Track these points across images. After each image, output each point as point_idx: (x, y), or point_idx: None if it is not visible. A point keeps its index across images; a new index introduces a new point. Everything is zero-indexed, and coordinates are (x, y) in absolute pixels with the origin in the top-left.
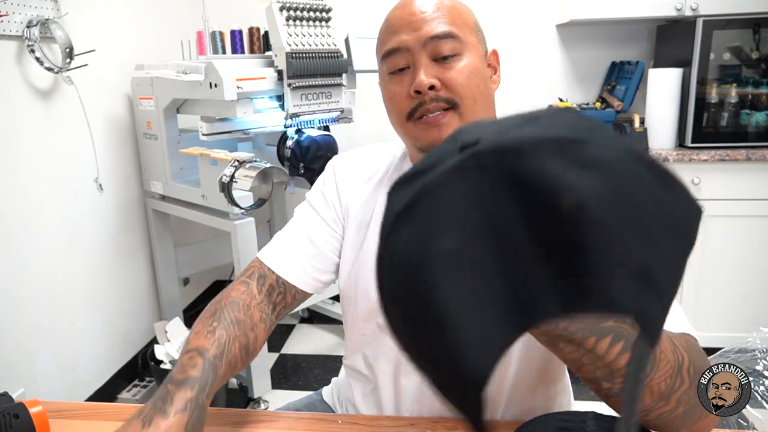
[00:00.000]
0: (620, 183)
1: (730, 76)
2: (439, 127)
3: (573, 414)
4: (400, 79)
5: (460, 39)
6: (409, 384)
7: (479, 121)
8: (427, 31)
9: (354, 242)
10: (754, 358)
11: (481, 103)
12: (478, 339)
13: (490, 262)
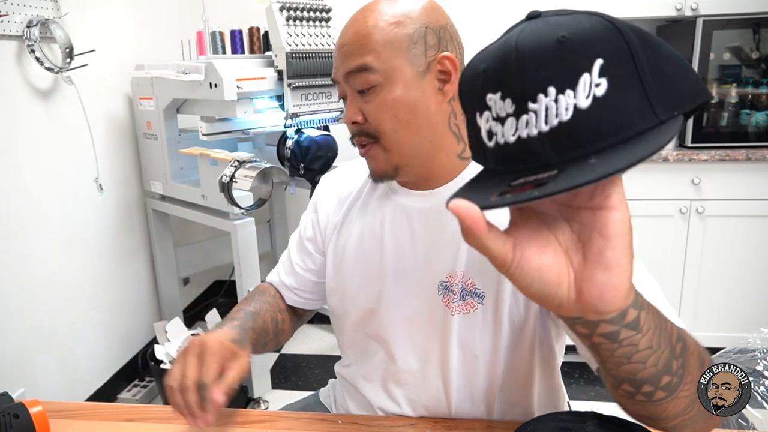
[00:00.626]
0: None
1: (730, 76)
2: (369, 159)
3: (573, 414)
4: (347, 105)
5: (374, 69)
6: (401, 392)
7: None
8: (345, 66)
9: (334, 263)
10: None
11: (406, 131)
12: None
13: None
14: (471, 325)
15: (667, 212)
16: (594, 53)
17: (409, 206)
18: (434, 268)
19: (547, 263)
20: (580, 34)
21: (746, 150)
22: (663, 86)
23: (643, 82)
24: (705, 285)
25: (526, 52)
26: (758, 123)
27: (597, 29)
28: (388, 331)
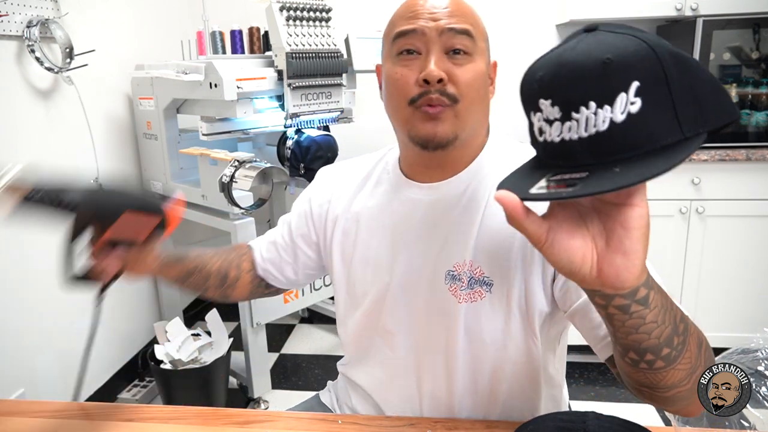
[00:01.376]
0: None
1: (730, 76)
2: (436, 121)
3: (573, 414)
4: (409, 62)
5: (474, 40)
6: (407, 388)
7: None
8: (447, 22)
9: (343, 258)
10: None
11: (478, 106)
12: None
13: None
14: (478, 312)
15: (667, 212)
16: (633, 76)
17: (417, 199)
18: (442, 258)
19: (575, 246)
20: (623, 57)
21: (746, 150)
22: (692, 106)
23: (674, 102)
24: (705, 285)
25: (575, 68)
26: (758, 123)
27: (639, 54)
28: (394, 324)
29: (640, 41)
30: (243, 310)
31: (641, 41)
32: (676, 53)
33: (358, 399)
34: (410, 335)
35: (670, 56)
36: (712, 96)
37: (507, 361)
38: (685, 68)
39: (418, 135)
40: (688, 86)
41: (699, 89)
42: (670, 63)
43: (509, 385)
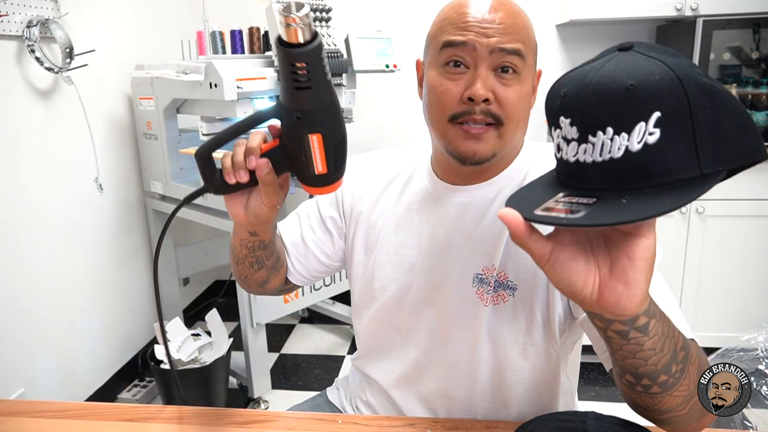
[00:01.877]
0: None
1: (730, 76)
2: (477, 140)
3: (573, 414)
4: (455, 76)
5: (524, 59)
6: (425, 387)
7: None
8: (498, 40)
9: (366, 250)
10: (756, 358)
11: (522, 125)
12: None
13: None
14: (501, 315)
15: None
16: (655, 106)
17: (449, 200)
18: (472, 261)
19: (577, 269)
20: (648, 85)
21: None
22: (715, 141)
23: (695, 136)
24: (705, 285)
25: (598, 91)
26: (758, 123)
27: (665, 83)
28: (415, 323)
29: (668, 69)
30: (243, 310)
31: (669, 69)
32: (705, 84)
33: (374, 394)
34: (433, 335)
35: (697, 87)
36: (738, 133)
37: (527, 366)
38: (713, 101)
39: (457, 151)
40: (713, 120)
41: (725, 124)
42: (696, 95)
43: (527, 390)
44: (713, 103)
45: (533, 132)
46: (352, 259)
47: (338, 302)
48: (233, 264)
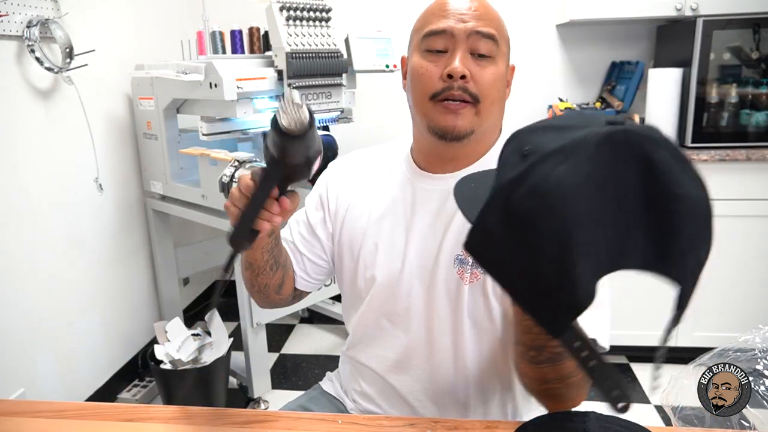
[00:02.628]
0: (706, 195)
1: (730, 76)
2: (456, 114)
3: (574, 414)
4: (435, 59)
5: (497, 44)
6: (419, 368)
7: (584, 112)
8: (474, 24)
9: (350, 244)
10: (754, 358)
11: (496, 106)
12: (589, 270)
13: (609, 212)
14: (476, 292)
15: None
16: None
17: (429, 189)
18: (452, 244)
19: None
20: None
21: (746, 150)
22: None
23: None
24: (705, 285)
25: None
26: (758, 123)
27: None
28: (405, 307)
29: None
30: (243, 310)
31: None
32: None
33: (369, 382)
34: (421, 318)
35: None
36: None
37: (508, 343)
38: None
39: (438, 126)
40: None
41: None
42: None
43: (507, 362)
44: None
45: (510, 128)
46: (341, 255)
47: (338, 302)
48: (252, 279)
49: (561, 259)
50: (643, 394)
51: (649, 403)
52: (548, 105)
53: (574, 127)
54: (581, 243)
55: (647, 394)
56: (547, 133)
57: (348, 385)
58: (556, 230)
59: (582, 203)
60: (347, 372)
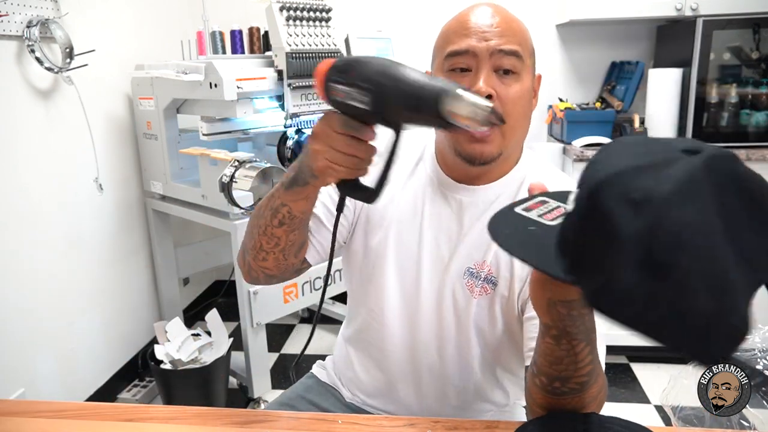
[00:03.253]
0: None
1: (730, 76)
2: (484, 142)
3: (574, 414)
4: (460, 78)
5: (522, 59)
6: (417, 375)
7: (648, 139)
8: (497, 43)
9: (370, 225)
10: (753, 357)
11: (522, 124)
12: (741, 295)
13: (735, 236)
14: (484, 307)
15: None
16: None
17: (452, 196)
18: (466, 255)
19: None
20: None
21: (746, 150)
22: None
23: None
24: None
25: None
26: (758, 123)
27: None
28: (415, 307)
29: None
30: (243, 310)
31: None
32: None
33: (361, 367)
34: (431, 322)
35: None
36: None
37: (513, 359)
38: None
39: (465, 153)
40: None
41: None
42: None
43: (517, 381)
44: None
45: (534, 133)
46: (353, 235)
47: (338, 302)
48: (283, 236)
49: (719, 296)
50: (643, 394)
51: (649, 403)
52: (548, 105)
53: (661, 163)
54: (730, 274)
55: (647, 394)
56: (642, 174)
57: (345, 374)
58: (706, 269)
59: (716, 236)
60: (343, 357)
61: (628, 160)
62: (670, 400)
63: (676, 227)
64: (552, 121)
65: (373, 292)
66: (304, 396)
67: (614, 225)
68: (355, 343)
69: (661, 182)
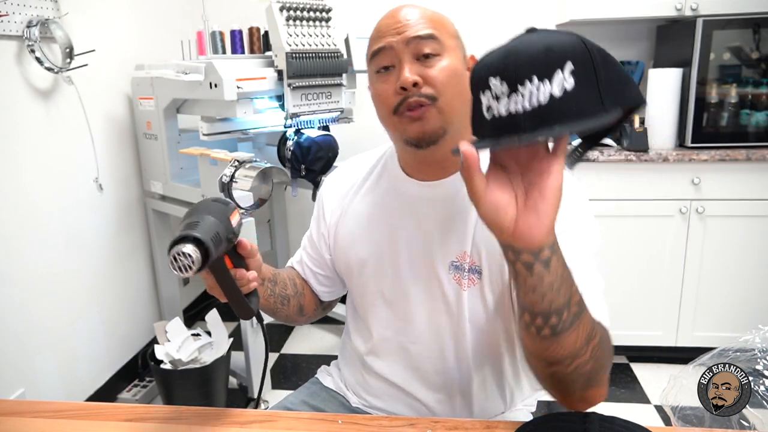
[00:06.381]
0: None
1: (730, 76)
2: (421, 120)
3: (574, 415)
4: (386, 77)
5: (440, 41)
6: (419, 373)
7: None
8: (411, 32)
9: (346, 251)
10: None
11: (458, 100)
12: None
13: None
14: (475, 297)
15: (667, 212)
16: (568, 58)
17: (416, 196)
18: (446, 250)
19: (502, 201)
20: (561, 46)
21: (746, 150)
22: (611, 88)
23: (598, 84)
24: (705, 285)
25: (521, 53)
26: (758, 123)
27: (573, 44)
28: (405, 315)
29: (572, 35)
30: None
31: (573, 35)
32: (600, 49)
33: (375, 381)
34: (425, 324)
35: (596, 50)
36: (625, 83)
37: (504, 346)
38: (605, 59)
39: (410, 136)
40: (608, 74)
41: (615, 76)
42: (596, 54)
43: (514, 370)
44: (605, 60)
45: None
46: (338, 266)
47: (338, 302)
48: (273, 315)
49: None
50: (643, 394)
51: (649, 403)
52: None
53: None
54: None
55: (647, 394)
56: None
57: (351, 378)
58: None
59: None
60: (354, 368)
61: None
62: (669, 400)
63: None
64: None
65: (362, 305)
66: (308, 402)
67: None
68: (363, 353)
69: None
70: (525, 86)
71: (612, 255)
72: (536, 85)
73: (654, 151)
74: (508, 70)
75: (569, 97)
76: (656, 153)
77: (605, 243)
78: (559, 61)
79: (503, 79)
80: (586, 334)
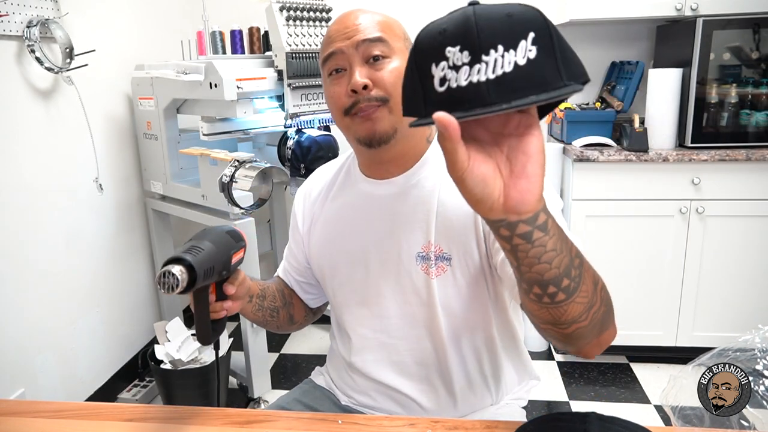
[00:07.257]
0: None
1: (730, 76)
2: (372, 120)
3: (574, 415)
4: (338, 80)
5: (388, 43)
6: (398, 366)
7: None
8: (359, 36)
9: (318, 255)
10: (753, 357)
11: None
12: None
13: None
14: (446, 284)
15: (667, 212)
16: (530, 28)
17: (375, 194)
18: (410, 243)
19: (488, 173)
20: (521, 14)
21: (746, 150)
22: (566, 62)
23: (556, 56)
24: (705, 285)
25: (482, 19)
26: (758, 123)
27: (532, 14)
28: (379, 310)
29: (529, 7)
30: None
31: (530, 6)
32: (551, 21)
33: (359, 379)
34: (398, 316)
35: (551, 22)
36: (575, 58)
37: (480, 329)
38: (558, 34)
39: (361, 136)
40: (561, 45)
41: (568, 50)
42: (552, 26)
43: (492, 355)
44: (559, 36)
45: None
46: (314, 271)
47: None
48: (268, 328)
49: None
50: (643, 394)
51: (649, 403)
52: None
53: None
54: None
55: (647, 394)
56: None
57: (338, 379)
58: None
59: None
60: (343, 372)
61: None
62: (669, 400)
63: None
64: (552, 121)
65: (339, 307)
66: (300, 400)
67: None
68: (345, 353)
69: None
70: (489, 55)
71: (612, 255)
72: (500, 53)
73: (654, 151)
74: (469, 38)
75: (532, 66)
76: (656, 153)
77: (605, 243)
78: (522, 30)
79: (464, 47)
80: (593, 281)
